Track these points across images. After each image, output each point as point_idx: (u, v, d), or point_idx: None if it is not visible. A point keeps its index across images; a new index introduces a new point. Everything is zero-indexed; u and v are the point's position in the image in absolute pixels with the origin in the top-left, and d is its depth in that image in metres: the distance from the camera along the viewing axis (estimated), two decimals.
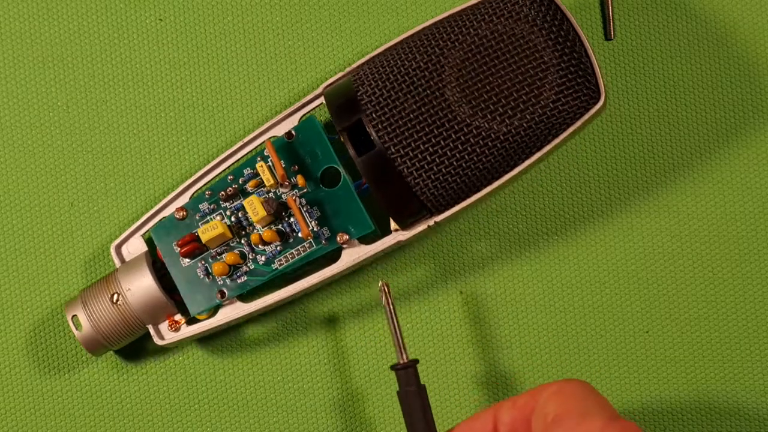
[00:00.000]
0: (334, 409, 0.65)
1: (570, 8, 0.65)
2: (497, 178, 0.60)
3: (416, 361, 0.59)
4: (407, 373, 0.59)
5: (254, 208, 0.61)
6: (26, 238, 0.65)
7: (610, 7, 0.65)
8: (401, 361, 0.59)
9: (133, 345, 0.65)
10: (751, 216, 0.65)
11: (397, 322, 0.60)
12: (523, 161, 0.60)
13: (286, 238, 0.62)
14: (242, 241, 0.62)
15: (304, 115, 0.63)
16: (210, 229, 0.61)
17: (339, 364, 0.65)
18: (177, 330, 0.63)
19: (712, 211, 0.65)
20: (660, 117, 0.65)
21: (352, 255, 0.62)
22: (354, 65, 0.62)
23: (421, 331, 0.65)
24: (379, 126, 0.59)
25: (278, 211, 0.61)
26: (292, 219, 0.62)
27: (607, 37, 0.66)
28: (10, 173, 0.65)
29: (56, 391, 0.64)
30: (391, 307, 0.59)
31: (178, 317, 0.62)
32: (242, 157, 0.63)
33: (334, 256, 0.62)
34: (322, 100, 0.62)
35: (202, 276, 0.62)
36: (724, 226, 0.65)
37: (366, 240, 0.62)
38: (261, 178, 0.62)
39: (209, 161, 0.65)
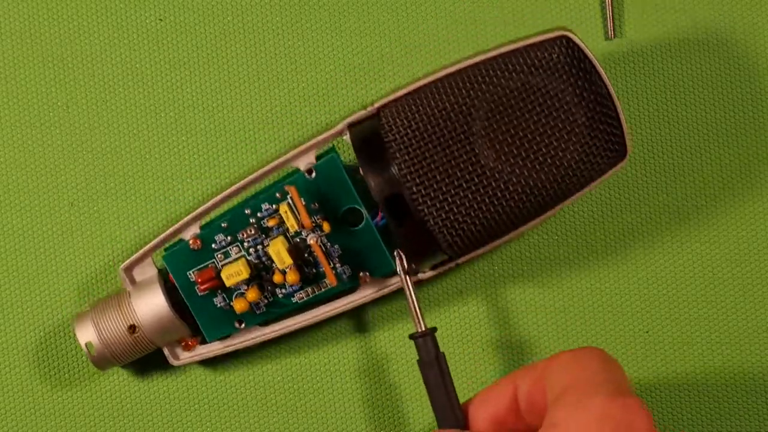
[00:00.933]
0: (334, 410, 0.65)
1: (570, 8, 0.65)
2: (520, 227, 0.60)
3: (434, 329, 0.59)
4: (425, 341, 0.59)
5: (280, 256, 0.60)
6: (26, 238, 0.65)
7: (610, 7, 0.65)
8: (419, 330, 0.59)
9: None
10: (751, 216, 0.65)
11: (414, 290, 0.59)
12: (545, 212, 0.60)
13: (307, 276, 0.61)
14: (263, 278, 0.61)
15: (323, 148, 0.62)
16: (235, 275, 0.60)
17: (339, 364, 0.65)
18: (191, 350, 0.62)
19: (711, 211, 0.65)
20: (660, 117, 0.65)
21: (372, 288, 0.62)
22: (377, 104, 0.61)
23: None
24: (419, 200, 0.59)
25: (302, 253, 0.61)
26: (313, 257, 0.61)
27: (607, 37, 0.66)
28: (10, 173, 0.65)
29: (56, 391, 0.64)
30: (406, 275, 0.59)
31: (189, 339, 0.62)
32: (257, 186, 0.63)
33: (351, 288, 0.62)
34: (345, 137, 0.62)
35: (219, 306, 0.62)
36: (724, 226, 0.65)
37: (386, 274, 0.62)
38: (280, 216, 0.61)
39: (209, 161, 0.65)
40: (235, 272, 0.60)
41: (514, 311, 0.65)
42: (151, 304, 0.61)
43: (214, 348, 0.62)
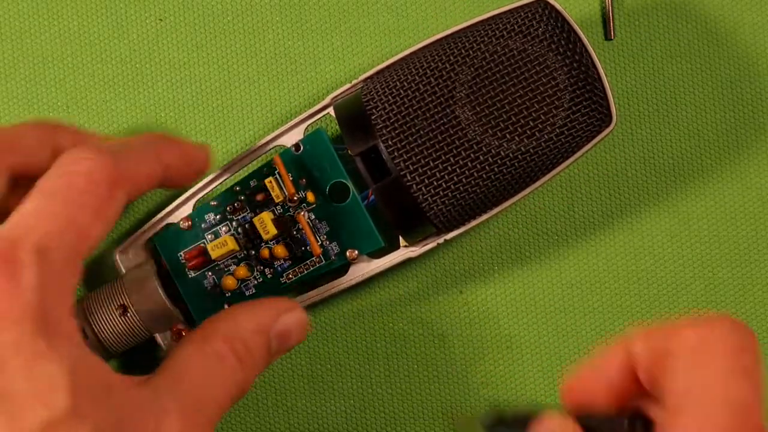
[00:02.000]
0: (334, 410, 0.65)
1: (570, 8, 0.65)
2: (507, 198, 0.60)
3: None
4: None
5: (265, 226, 0.60)
6: None
7: (610, 7, 0.65)
8: None
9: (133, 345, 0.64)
10: (751, 216, 0.65)
11: None
12: (533, 182, 0.60)
13: (295, 253, 0.61)
14: (251, 253, 0.62)
15: (311, 124, 0.63)
16: (220, 246, 0.61)
17: (339, 364, 0.65)
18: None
19: (712, 211, 0.65)
20: (660, 117, 0.65)
21: (361, 269, 0.62)
22: (361, 77, 0.61)
23: (422, 331, 0.65)
24: (395, 153, 0.59)
25: (288, 227, 0.61)
26: (300, 233, 0.61)
27: (607, 37, 0.66)
28: None
29: None
30: None
31: (181, 326, 0.62)
32: (248, 165, 0.63)
33: (341, 268, 0.62)
34: (329, 110, 0.62)
35: (209, 288, 0.62)
36: (724, 227, 0.65)
37: (375, 254, 0.62)
38: (269, 192, 0.61)
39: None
40: (220, 243, 0.61)
41: (513, 310, 0.65)
42: (142, 286, 0.61)
43: None
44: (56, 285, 0.50)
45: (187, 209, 0.63)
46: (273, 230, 0.60)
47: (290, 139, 0.62)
